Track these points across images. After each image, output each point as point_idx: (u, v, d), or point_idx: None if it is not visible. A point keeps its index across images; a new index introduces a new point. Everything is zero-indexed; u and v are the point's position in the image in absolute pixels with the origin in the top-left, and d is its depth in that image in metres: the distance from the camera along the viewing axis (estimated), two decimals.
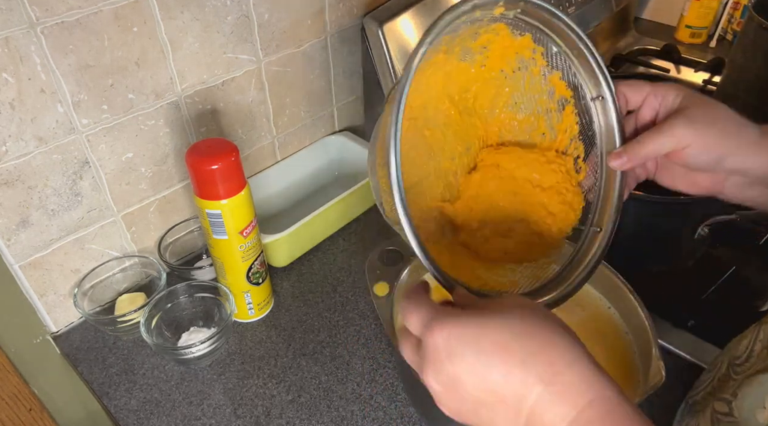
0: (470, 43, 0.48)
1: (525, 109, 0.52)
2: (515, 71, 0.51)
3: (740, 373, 0.46)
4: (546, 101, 0.51)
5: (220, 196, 0.61)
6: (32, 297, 0.68)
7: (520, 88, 0.51)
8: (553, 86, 0.50)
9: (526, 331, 0.33)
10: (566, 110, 0.50)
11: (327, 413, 0.61)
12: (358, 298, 0.74)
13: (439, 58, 0.48)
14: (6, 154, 0.59)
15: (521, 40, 0.48)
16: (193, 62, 0.69)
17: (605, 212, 0.50)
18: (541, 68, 0.50)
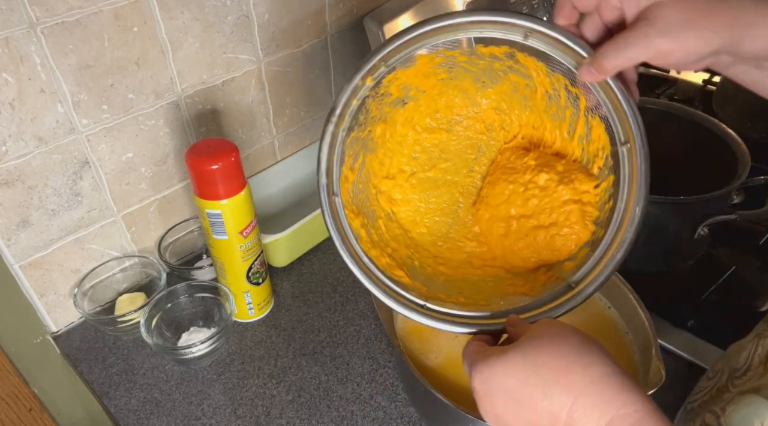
0: (388, 98, 0.51)
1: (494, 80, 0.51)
2: (450, 70, 0.51)
3: (737, 386, 0.46)
4: (500, 64, 0.49)
5: (220, 196, 0.61)
6: (32, 297, 0.68)
7: (470, 73, 0.51)
8: (489, 52, 0.48)
9: (544, 362, 0.36)
10: (519, 57, 0.48)
11: (327, 413, 0.61)
12: (358, 298, 0.74)
13: (378, 129, 0.52)
14: (6, 154, 0.59)
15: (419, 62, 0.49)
16: (193, 62, 0.69)
17: (625, 126, 0.44)
18: (461, 52, 0.49)
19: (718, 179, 0.67)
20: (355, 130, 0.50)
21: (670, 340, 0.65)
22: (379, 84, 0.48)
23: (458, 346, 0.58)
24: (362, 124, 0.50)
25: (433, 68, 0.50)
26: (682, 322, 0.67)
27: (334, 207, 0.49)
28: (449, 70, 0.50)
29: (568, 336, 0.37)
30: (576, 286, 0.46)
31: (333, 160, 0.49)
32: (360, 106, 0.48)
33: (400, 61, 0.47)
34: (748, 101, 0.94)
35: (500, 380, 0.37)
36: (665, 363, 0.50)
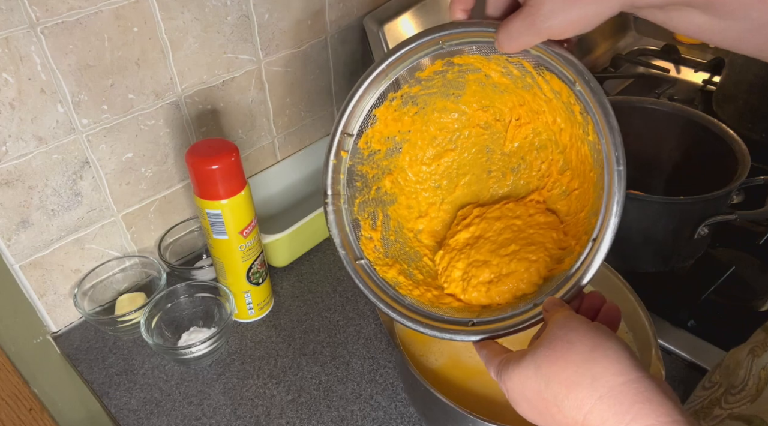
0: (378, 155, 0.53)
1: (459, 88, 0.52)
2: (415, 106, 0.52)
3: (730, 403, 0.46)
4: (452, 73, 0.50)
5: (220, 196, 0.61)
6: (32, 297, 0.68)
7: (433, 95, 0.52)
8: (427, 74, 0.50)
9: (554, 374, 0.35)
10: (456, 60, 0.48)
11: (327, 413, 0.61)
12: (358, 298, 0.74)
13: (386, 182, 0.54)
14: (6, 154, 0.59)
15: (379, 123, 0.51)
16: (193, 62, 0.69)
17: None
18: (405, 89, 0.50)
19: (718, 179, 0.67)
20: (358, 197, 0.52)
21: (670, 340, 0.65)
22: (357, 150, 0.51)
23: (459, 348, 0.58)
24: (363, 188, 0.52)
25: (397, 111, 0.51)
26: (682, 322, 0.67)
27: (361, 270, 0.51)
28: (414, 103, 0.52)
29: (579, 340, 0.35)
30: (595, 242, 0.44)
31: (346, 232, 0.51)
32: (350, 177, 0.51)
33: (361, 125, 0.50)
34: (748, 101, 0.94)
35: (519, 390, 0.37)
36: (665, 363, 0.51)
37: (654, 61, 1.15)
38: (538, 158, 0.53)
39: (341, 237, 0.50)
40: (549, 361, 0.35)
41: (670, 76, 1.11)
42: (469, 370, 0.56)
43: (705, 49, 1.22)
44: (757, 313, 0.70)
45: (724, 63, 1.06)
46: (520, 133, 0.53)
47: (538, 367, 0.36)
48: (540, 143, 0.53)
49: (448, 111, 0.53)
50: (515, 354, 0.39)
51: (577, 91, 0.43)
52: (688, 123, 0.75)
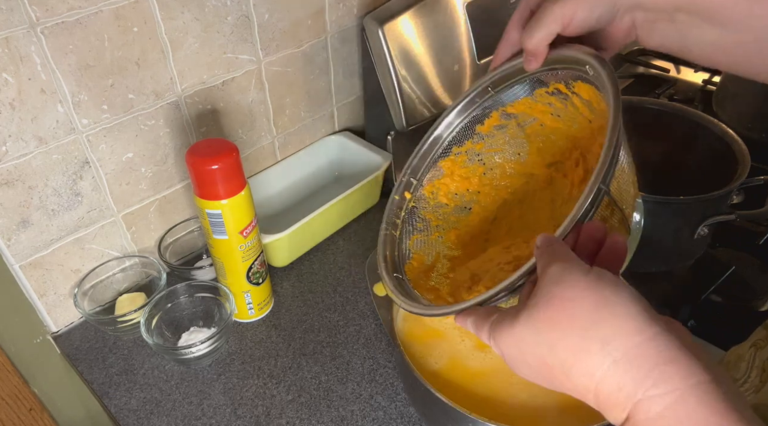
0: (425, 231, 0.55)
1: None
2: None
3: None
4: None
5: (220, 196, 0.61)
6: (32, 297, 0.68)
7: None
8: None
9: (558, 339, 0.31)
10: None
11: (327, 413, 0.61)
12: (358, 298, 0.74)
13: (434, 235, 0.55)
14: (6, 154, 0.59)
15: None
16: (193, 62, 0.69)
17: None
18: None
19: (718, 179, 0.67)
20: (415, 235, 0.54)
21: None
22: (422, 197, 0.54)
23: (459, 350, 0.58)
24: (424, 230, 0.54)
25: (464, 168, 0.53)
26: (682, 322, 0.67)
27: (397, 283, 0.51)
28: (480, 162, 0.53)
29: (581, 297, 0.30)
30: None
31: (393, 254, 0.53)
32: (411, 216, 0.54)
33: (428, 171, 0.53)
34: (748, 101, 0.94)
35: (518, 355, 0.33)
36: None
37: (654, 61, 1.15)
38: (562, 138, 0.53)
39: (383, 254, 0.52)
40: (550, 325, 0.31)
41: (670, 76, 1.11)
42: (470, 373, 0.56)
43: None
44: (757, 313, 0.70)
45: None
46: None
47: (537, 331, 0.32)
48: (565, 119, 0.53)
49: (516, 175, 0.54)
50: (507, 313, 0.34)
51: (587, 71, 0.43)
52: (688, 123, 0.75)
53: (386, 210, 0.54)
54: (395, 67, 0.77)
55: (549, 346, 0.31)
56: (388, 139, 0.85)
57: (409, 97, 0.79)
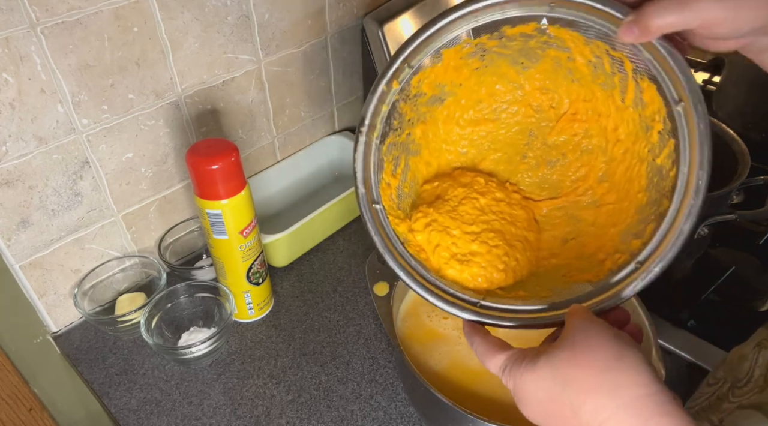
0: (422, 97, 0.49)
1: (532, 59, 0.48)
2: (482, 59, 0.48)
3: (737, 396, 0.46)
4: (534, 42, 0.47)
5: (220, 196, 0.61)
6: (32, 297, 0.68)
7: (505, 56, 0.48)
8: (518, 32, 0.46)
9: (573, 378, 0.34)
10: (552, 31, 0.45)
11: (327, 413, 0.61)
12: (358, 298, 0.74)
13: (417, 130, 0.50)
14: (6, 154, 0.59)
15: (444, 58, 0.47)
16: (193, 62, 0.69)
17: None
18: (488, 37, 0.46)
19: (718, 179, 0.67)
20: (390, 136, 0.48)
21: (670, 340, 0.65)
22: (408, 86, 0.47)
23: (460, 351, 0.58)
24: (398, 129, 0.49)
25: (462, 59, 0.47)
26: (682, 322, 0.67)
27: (375, 215, 0.48)
28: (481, 58, 0.48)
29: (603, 347, 0.35)
30: (642, 264, 0.43)
31: (369, 170, 0.48)
32: (391, 112, 0.47)
33: (425, 59, 0.46)
34: (748, 101, 0.94)
35: (531, 391, 0.36)
36: (665, 363, 0.50)
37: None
38: (580, 160, 0.51)
39: (364, 173, 0.47)
40: (569, 364, 0.35)
41: None
42: (470, 373, 0.56)
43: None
44: (757, 313, 0.70)
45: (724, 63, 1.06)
46: (570, 128, 0.51)
47: (555, 369, 0.35)
48: (587, 146, 0.50)
49: (507, 79, 0.50)
50: (527, 352, 0.38)
51: (677, 111, 0.41)
52: None
53: (365, 108, 0.46)
54: None
55: (563, 384, 0.34)
56: None
57: None
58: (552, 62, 0.48)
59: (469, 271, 0.48)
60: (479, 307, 0.46)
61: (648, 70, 0.42)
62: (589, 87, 0.47)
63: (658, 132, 0.44)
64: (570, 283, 0.47)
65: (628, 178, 0.47)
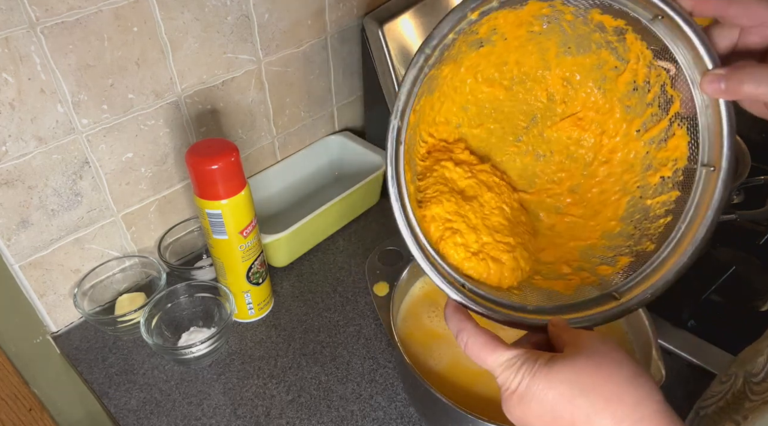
0: (473, 36, 0.45)
1: (581, 49, 0.46)
2: (545, 26, 0.45)
3: (758, 393, 0.45)
4: (600, 36, 0.45)
5: (220, 196, 0.61)
6: (32, 297, 0.68)
7: (563, 34, 0.46)
8: (600, 21, 0.43)
9: (595, 384, 0.34)
10: (628, 38, 0.43)
11: (327, 413, 0.61)
12: (358, 298, 0.74)
13: (447, 69, 0.46)
14: (6, 154, 0.59)
15: (527, 7, 0.43)
16: (193, 62, 0.69)
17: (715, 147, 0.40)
18: (573, 11, 0.43)
19: None
20: (434, 68, 0.44)
21: (670, 340, 0.65)
22: (479, 21, 0.43)
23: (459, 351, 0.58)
24: (440, 62, 0.45)
25: (533, 17, 0.45)
26: (682, 322, 0.67)
27: (399, 157, 0.45)
28: (546, 24, 0.45)
29: (624, 363, 0.35)
30: (620, 296, 0.44)
31: (409, 102, 0.43)
32: (452, 42, 0.43)
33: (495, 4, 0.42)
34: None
35: (541, 391, 0.35)
36: (665, 363, 0.50)
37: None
38: (563, 164, 0.50)
39: (404, 104, 0.43)
40: (591, 372, 0.35)
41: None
42: (470, 373, 0.56)
43: None
44: (758, 313, 0.70)
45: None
46: (569, 129, 0.50)
47: (577, 374, 0.35)
48: (575, 154, 0.50)
49: (543, 55, 0.47)
50: (540, 353, 0.37)
51: (700, 171, 0.40)
52: None
53: (438, 29, 0.41)
54: (395, 67, 0.77)
55: (583, 389, 0.34)
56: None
57: None
58: (595, 61, 0.46)
59: (479, 264, 0.47)
60: (464, 288, 0.44)
61: (693, 122, 0.40)
62: (612, 102, 0.46)
63: (660, 176, 0.43)
64: (539, 287, 0.47)
65: (602, 201, 0.47)
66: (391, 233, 0.50)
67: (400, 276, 0.61)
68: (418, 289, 0.64)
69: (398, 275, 0.61)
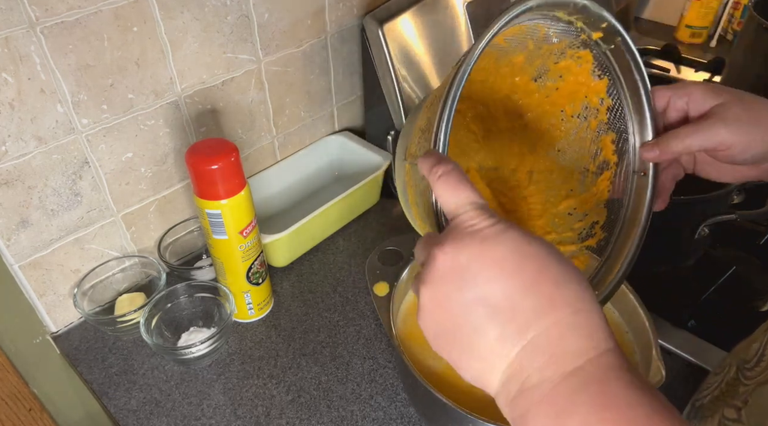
0: (551, 62, 0.48)
1: (566, 159, 0.51)
2: (574, 117, 0.50)
3: (751, 378, 0.45)
4: (588, 160, 0.50)
5: (220, 196, 0.61)
6: (32, 297, 0.68)
7: (571, 136, 0.51)
8: (602, 148, 0.50)
9: (562, 259, 0.30)
10: (603, 176, 0.49)
11: (327, 413, 0.61)
12: (358, 298, 0.74)
13: (518, 60, 0.48)
14: (6, 154, 0.59)
15: (597, 84, 0.48)
16: (193, 62, 0.69)
17: (630, 236, 0.49)
18: (599, 124, 0.49)
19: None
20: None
21: (670, 340, 0.65)
22: (569, 44, 0.46)
23: None
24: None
25: (583, 95, 0.49)
26: (682, 322, 0.67)
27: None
28: (577, 116, 0.50)
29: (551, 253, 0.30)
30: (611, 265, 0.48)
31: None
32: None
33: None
34: None
35: (519, 238, 0.29)
36: (665, 363, 0.50)
37: (654, 61, 1.15)
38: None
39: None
40: (557, 253, 0.31)
41: (670, 76, 1.11)
42: None
43: (705, 48, 1.22)
44: (758, 313, 0.70)
45: (724, 63, 1.06)
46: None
47: (541, 247, 0.30)
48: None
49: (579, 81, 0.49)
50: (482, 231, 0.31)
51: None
52: None
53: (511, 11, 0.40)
54: (395, 67, 0.77)
55: (554, 259, 0.30)
56: (388, 139, 0.85)
57: (409, 97, 0.79)
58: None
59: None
60: None
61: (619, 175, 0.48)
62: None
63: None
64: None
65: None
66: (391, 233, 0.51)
67: (400, 276, 0.61)
68: None
69: (398, 275, 0.61)
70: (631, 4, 1.20)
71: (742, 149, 0.42)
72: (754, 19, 0.84)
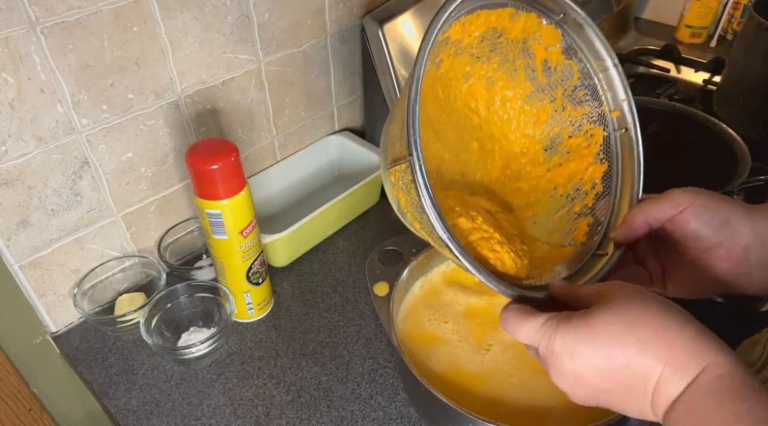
0: (565, 135, 0.50)
1: (537, 231, 0.52)
2: (563, 196, 0.52)
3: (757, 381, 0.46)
4: (557, 236, 0.51)
5: (220, 196, 0.61)
6: (32, 297, 0.68)
7: (552, 212, 0.52)
8: (575, 228, 0.51)
9: (639, 321, 0.35)
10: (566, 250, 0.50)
11: (327, 413, 0.61)
12: (358, 298, 0.74)
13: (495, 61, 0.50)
14: (6, 154, 0.59)
15: (596, 168, 0.50)
16: (193, 62, 0.69)
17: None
18: (583, 207, 0.51)
19: (718, 179, 0.67)
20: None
21: None
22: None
23: (458, 353, 0.58)
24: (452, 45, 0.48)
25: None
26: None
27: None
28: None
29: (653, 297, 0.37)
30: (606, 251, 0.48)
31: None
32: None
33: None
34: (748, 101, 0.94)
35: (589, 339, 0.36)
36: None
37: (654, 60, 1.15)
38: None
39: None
40: (629, 310, 0.36)
41: (670, 76, 1.11)
42: (470, 373, 0.56)
43: (705, 48, 1.22)
44: (757, 314, 0.70)
45: (724, 63, 1.06)
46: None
47: (617, 315, 0.36)
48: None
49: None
50: (571, 313, 0.38)
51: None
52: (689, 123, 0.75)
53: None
54: (395, 67, 0.77)
55: (629, 326, 0.35)
56: None
57: None
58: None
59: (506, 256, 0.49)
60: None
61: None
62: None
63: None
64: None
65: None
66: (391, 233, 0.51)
67: (400, 276, 0.61)
68: (418, 289, 0.64)
69: (398, 275, 0.61)
70: (631, 4, 1.20)
71: (699, 210, 0.43)
72: (754, 19, 0.84)
